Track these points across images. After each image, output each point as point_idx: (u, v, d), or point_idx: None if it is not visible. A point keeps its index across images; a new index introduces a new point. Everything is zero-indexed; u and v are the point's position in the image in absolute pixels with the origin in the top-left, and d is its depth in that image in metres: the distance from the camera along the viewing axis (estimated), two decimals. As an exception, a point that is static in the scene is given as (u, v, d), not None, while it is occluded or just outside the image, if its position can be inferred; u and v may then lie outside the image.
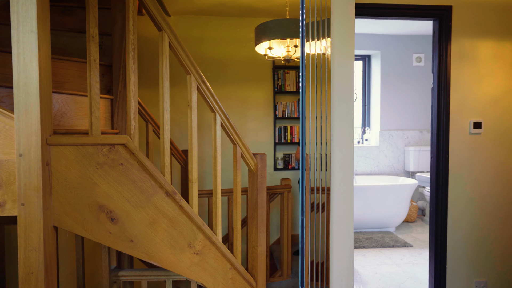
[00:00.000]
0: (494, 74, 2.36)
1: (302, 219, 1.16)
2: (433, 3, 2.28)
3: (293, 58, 2.69)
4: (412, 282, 2.81)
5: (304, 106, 1.18)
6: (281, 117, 4.05)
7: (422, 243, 3.82)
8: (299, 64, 3.91)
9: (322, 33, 1.22)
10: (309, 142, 1.16)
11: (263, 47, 2.72)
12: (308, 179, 1.37)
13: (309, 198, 1.16)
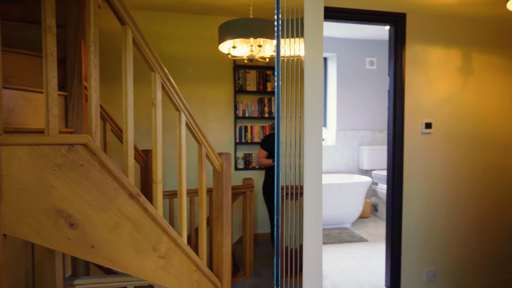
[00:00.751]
0: (442, 78, 2.54)
1: (277, 218, 1.17)
2: (390, 10, 2.40)
3: (256, 58, 2.70)
4: (369, 275, 2.95)
5: (280, 106, 1.19)
6: (242, 117, 4.05)
7: (376, 238, 4.02)
8: (263, 64, 3.92)
9: (296, 33, 1.24)
10: (284, 142, 1.17)
11: (227, 46, 2.70)
12: (283, 178, 1.38)
13: (284, 197, 1.17)
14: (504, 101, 2.67)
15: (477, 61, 2.60)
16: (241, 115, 4.05)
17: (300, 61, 1.24)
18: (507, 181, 2.70)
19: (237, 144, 4.07)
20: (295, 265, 1.17)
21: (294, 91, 1.23)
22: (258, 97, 4.09)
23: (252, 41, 2.64)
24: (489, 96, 2.64)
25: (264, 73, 4.05)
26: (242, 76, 4.01)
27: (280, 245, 1.15)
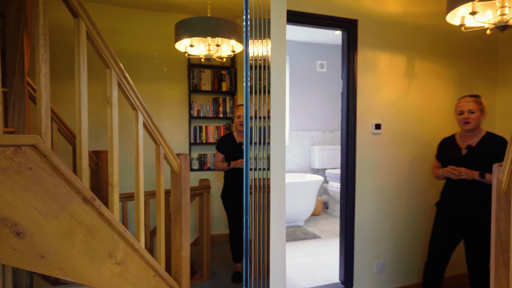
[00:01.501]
0: (390, 82, 2.71)
1: (246, 219, 1.16)
2: (343, 16, 2.51)
3: (214, 57, 2.67)
4: (324, 270, 3.05)
5: (249, 107, 1.18)
6: (197, 117, 3.98)
7: (328, 234, 4.18)
8: (218, 64, 3.89)
9: (264, 34, 1.24)
10: (253, 143, 1.17)
11: (184, 44, 2.64)
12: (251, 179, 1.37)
13: (253, 197, 1.17)
14: (442, 104, 2.92)
15: (419, 67, 2.82)
16: (196, 115, 3.98)
17: (267, 61, 1.24)
18: (445, 177, 2.96)
19: (191, 145, 3.99)
20: (262, 265, 1.18)
21: (263, 91, 1.24)
22: (213, 97, 4.05)
23: (210, 40, 2.60)
24: (430, 99, 2.87)
25: (219, 73, 4.02)
26: (197, 75, 3.95)
27: (249, 246, 1.15)
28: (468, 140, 2.28)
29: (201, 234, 3.06)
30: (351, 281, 2.61)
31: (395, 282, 2.79)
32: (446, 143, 2.41)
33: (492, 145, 2.18)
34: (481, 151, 2.19)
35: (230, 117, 4.09)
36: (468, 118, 2.20)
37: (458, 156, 2.26)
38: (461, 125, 2.26)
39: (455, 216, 2.27)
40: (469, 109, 2.20)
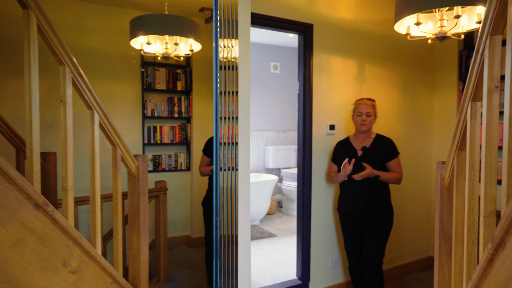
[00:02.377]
0: (342, 86, 2.85)
1: (216, 220, 1.16)
2: (300, 20, 2.59)
3: (172, 56, 2.61)
4: (281, 267, 3.12)
5: (218, 108, 1.18)
6: (151, 117, 3.85)
7: (283, 232, 4.28)
8: (173, 62, 3.80)
9: (232, 34, 1.25)
10: (222, 143, 1.17)
11: (140, 41, 2.55)
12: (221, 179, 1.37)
13: (222, 199, 1.16)
14: (389, 107, 3.13)
15: (369, 72, 2.99)
16: (150, 115, 3.85)
17: (235, 62, 1.25)
18: (391, 175, 3.17)
19: (145, 145, 3.86)
20: (231, 264, 1.19)
21: (231, 91, 1.24)
22: (168, 96, 3.95)
23: (167, 38, 2.54)
24: (379, 102, 3.06)
25: (174, 72, 3.93)
26: (151, 73, 3.82)
27: (219, 247, 1.15)
28: (362, 142, 2.42)
29: (157, 237, 2.98)
30: (308, 276, 2.70)
31: (347, 275, 2.93)
32: (342, 146, 2.50)
33: (383, 146, 2.38)
34: (374, 152, 2.35)
35: (185, 117, 4.02)
36: (365, 120, 2.35)
37: (355, 157, 2.35)
38: (357, 126, 2.40)
39: (357, 217, 2.37)
40: (367, 111, 2.35)
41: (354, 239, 2.41)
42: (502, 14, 1.08)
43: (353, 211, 2.37)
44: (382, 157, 2.35)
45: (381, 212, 2.35)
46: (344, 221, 2.46)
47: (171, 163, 3.97)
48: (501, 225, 0.94)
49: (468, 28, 2.14)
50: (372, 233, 2.34)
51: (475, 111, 1.28)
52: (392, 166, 2.38)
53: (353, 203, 2.36)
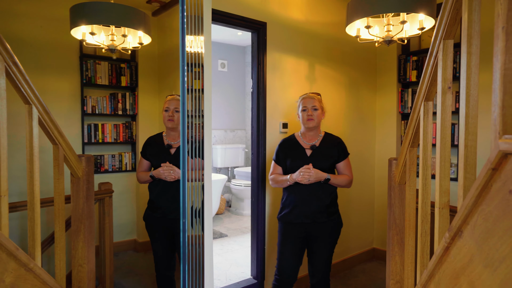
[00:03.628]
0: (294, 85, 2.90)
1: (183, 222, 1.08)
2: (254, 18, 2.58)
3: (119, 49, 2.44)
4: (235, 267, 3.09)
5: (185, 106, 1.11)
6: (91, 114, 3.57)
7: (234, 232, 4.25)
8: (117, 56, 3.55)
9: (197, 31, 1.18)
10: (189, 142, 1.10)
11: (82, 31, 2.34)
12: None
13: (190, 200, 1.09)
14: (337, 107, 3.25)
15: (319, 72, 3.08)
16: (91, 112, 3.57)
17: (201, 58, 1.19)
18: (339, 172, 3.31)
19: (85, 145, 3.56)
20: (198, 266, 1.13)
21: (196, 90, 1.18)
22: (111, 92, 3.70)
23: (114, 29, 2.36)
24: (329, 101, 3.17)
25: (118, 66, 3.69)
26: (92, 67, 3.54)
27: (187, 251, 1.08)
28: (310, 140, 2.16)
29: (102, 243, 2.77)
30: (263, 275, 2.70)
31: (300, 272, 2.99)
32: (287, 145, 2.18)
33: (334, 145, 2.16)
34: (325, 151, 2.13)
35: (130, 114, 3.80)
36: (312, 115, 2.08)
37: (304, 157, 2.11)
38: (304, 122, 2.11)
39: (304, 226, 2.09)
40: (312, 105, 2.09)
41: (295, 251, 2.11)
42: (455, 20, 1.16)
43: (301, 219, 2.07)
44: (333, 157, 2.13)
45: (331, 220, 2.11)
46: (286, 231, 2.12)
47: (114, 164, 3.72)
48: (459, 215, 1.01)
49: (411, 34, 2.29)
50: (322, 243, 2.11)
51: (427, 110, 1.36)
52: (343, 167, 2.17)
53: (301, 210, 2.07)
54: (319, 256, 2.12)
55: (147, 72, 3.75)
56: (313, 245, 2.13)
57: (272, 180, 2.18)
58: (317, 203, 2.07)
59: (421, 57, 3.31)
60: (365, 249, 3.60)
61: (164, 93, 3.71)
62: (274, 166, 2.20)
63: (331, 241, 2.13)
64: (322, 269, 2.14)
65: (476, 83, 1.02)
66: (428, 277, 1.26)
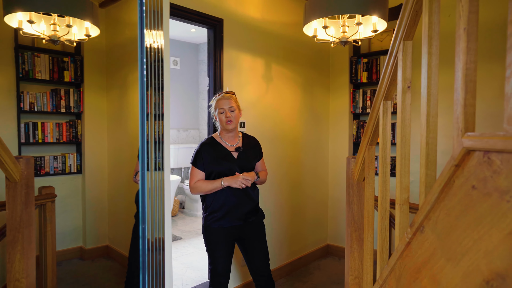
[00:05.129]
0: (251, 83, 2.87)
1: (143, 227, 0.99)
2: (211, 14, 2.51)
3: (62, 40, 2.23)
4: (191, 271, 2.98)
5: (145, 104, 1.01)
6: (29, 111, 3.24)
7: (189, 234, 4.12)
8: (58, 48, 3.27)
9: (157, 25, 1.09)
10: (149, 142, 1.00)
11: (18, 18, 2.10)
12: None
13: (149, 203, 1.00)
14: (292, 106, 3.28)
15: (275, 71, 3.09)
16: (28, 109, 3.24)
17: (160, 54, 1.10)
18: (297, 170, 3.34)
19: (22, 145, 3.23)
20: (159, 272, 1.05)
21: (155, 87, 1.09)
22: (52, 88, 3.39)
23: (56, 18, 2.16)
24: (285, 101, 3.19)
25: (61, 60, 3.39)
26: (29, 60, 3.22)
27: (146, 258, 0.99)
28: (232, 142, 2.12)
29: (43, 252, 2.52)
30: (221, 277, 2.64)
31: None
32: (209, 148, 2.07)
33: (253, 145, 2.19)
34: (248, 152, 2.14)
35: (75, 112, 3.52)
36: (230, 116, 2.03)
37: (231, 160, 2.06)
38: (223, 125, 2.05)
39: (236, 228, 2.07)
40: (229, 106, 2.04)
41: (229, 254, 2.08)
42: (414, 22, 1.20)
43: (234, 222, 2.04)
44: (256, 157, 2.16)
45: (258, 216, 2.15)
46: (219, 237, 2.04)
47: (57, 166, 3.43)
48: (422, 211, 1.04)
49: (365, 36, 2.37)
50: (256, 241, 2.12)
51: (386, 108, 1.40)
52: (260, 165, 2.21)
53: (234, 213, 2.04)
54: (259, 253, 2.14)
55: (94, 67, 3.50)
56: (248, 245, 2.12)
57: (196, 188, 2.02)
58: (250, 203, 2.09)
59: (371, 59, 3.45)
60: (319, 246, 3.68)
61: (113, 89, 3.48)
62: (196, 172, 2.04)
63: (263, 235, 2.17)
64: (266, 264, 2.17)
65: (436, 83, 1.05)
66: (389, 272, 1.29)
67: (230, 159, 2.07)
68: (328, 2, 2.10)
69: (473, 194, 0.84)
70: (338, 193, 3.71)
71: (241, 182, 1.97)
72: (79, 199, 3.49)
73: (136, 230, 2.04)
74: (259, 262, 2.15)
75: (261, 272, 2.16)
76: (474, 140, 0.81)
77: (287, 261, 3.25)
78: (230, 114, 2.03)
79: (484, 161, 0.80)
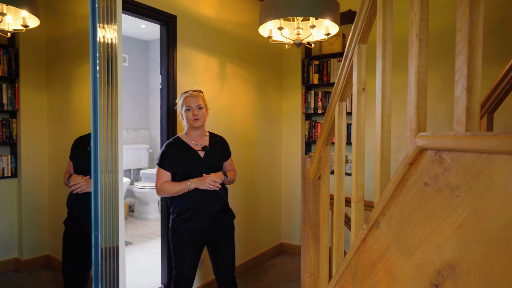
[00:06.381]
0: (206, 82, 2.82)
1: (96, 235, 0.91)
2: (164, 10, 2.42)
3: (7, 31, 2.01)
4: (143, 277, 2.86)
5: (97, 102, 0.94)
6: (-47, 108, 2.89)
7: (139, 238, 3.95)
8: None
9: (110, 18, 1.01)
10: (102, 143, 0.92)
11: None
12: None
13: (102, 207, 0.92)
14: (246, 106, 3.29)
15: (230, 71, 3.07)
16: (-48, 106, 2.89)
17: (114, 50, 1.02)
18: (251, 170, 3.35)
19: None
20: (113, 282, 0.98)
21: (109, 84, 1.01)
22: (-18, 83, 3.06)
23: None
24: (240, 101, 3.18)
25: (-8, 52, 3.07)
26: (-47, 51, 2.87)
27: (100, 268, 0.92)
28: (198, 141, 2.07)
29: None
30: (175, 281, 2.56)
31: (211, 274, 2.93)
32: (176, 148, 2.02)
33: (221, 145, 2.17)
34: (215, 152, 2.11)
35: (9, 110, 3.19)
36: (197, 114, 1.99)
37: (198, 159, 2.02)
38: (190, 123, 2.00)
39: (204, 229, 2.02)
40: (197, 104, 2.01)
41: (196, 258, 2.03)
42: (368, 26, 1.25)
43: (203, 223, 2.00)
44: (224, 157, 2.14)
45: (228, 216, 2.13)
46: (186, 239, 1.99)
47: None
48: (377, 208, 1.09)
49: (318, 38, 2.44)
50: (224, 242, 2.09)
51: (341, 109, 1.45)
52: (228, 164, 2.17)
53: (203, 214, 1.99)
54: (227, 255, 2.11)
55: (31, 61, 3.20)
56: (215, 246, 2.09)
57: (162, 190, 1.96)
58: (219, 203, 2.07)
59: (322, 62, 3.57)
60: (273, 245, 3.73)
61: (54, 85, 3.22)
62: (162, 173, 1.97)
63: (231, 236, 2.15)
64: (231, 267, 2.14)
65: (390, 85, 1.11)
66: (345, 268, 1.34)
67: (197, 159, 2.02)
68: (283, 4, 2.13)
69: (426, 190, 0.89)
70: (291, 192, 3.78)
71: (209, 183, 1.94)
72: (14, 206, 3.18)
73: (68, 238, 1.90)
74: (224, 263, 2.11)
75: (225, 274, 2.13)
76: (427, 140, 0.86)
77: (241, 261, 3.24)
78: (197, 112, 2.00)
79: (436, 159, 0.85)
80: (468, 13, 0.72)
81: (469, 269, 0.75)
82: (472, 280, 0.75)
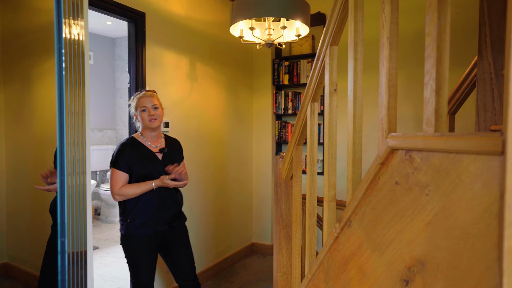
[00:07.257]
0: (176, 82, 2.77)
1: (62, 241, 0.85)
2: (132, 6, 2.35)
3: None
4: (111, 283, 2.75)
5: (64, 101, 0.88)
6: None
7: (106, 242, 3.81)
8: None
9: (77, 14, 0.95)
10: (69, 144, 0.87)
11: None
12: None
13: (69, 212, 0.87)
14: (217, 106, 3.26)
15: (200, 71, 3.03)
16: None
17: (81, 46, 0.97)
18: (222, 170, 3.32)
19: None
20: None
21: (75, 83, 0.96)
22: None
23: None
24: (210, 101, 3.15)
25: None
26: None
27: (66, 275, 0.86)
28: (155, 142, 2.02)
29: None
30: (145, 286, 2.49)
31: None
32: (132, 149, 1.93)
33: (176, 147, 2.14)
34: (172, 154, 2.08)
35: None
36: (154, 114, 1.94)
37: (156, 161, 1.97)
38: (147, 123, 1.94)
39: (160, 233, 1.98)
40: (152, 104, 1.96)
41: (153, 262, 1.97)
42: (340, 28, 1.27)
43: (159, 227, 1.94)
44: (179, 158, 2.12)
45: (181, 219, 2.10)
46: (142, 245, 1.91)
47: None
48: (350, 207, 1.11)
49: (288, 39, 2.46)
50: (181, 244, 2.06)
51: (313, 110, 1.47)
52: (182, 167, 2.14)
53: (159, 217, 1.94)
54: (185, 257, 2.08)
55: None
56: (173, 250, 2.04)
57: (122, 194, 1.86)
58: (175, 206, 2.04)
59: (292, 63, 3.61)
60: (244, 245, 3.72)
61: (10, 85, 3.03)
62: (119, 175, 1.87)
63: (187, 238, 2.12)
64: (193, 268, 2.12)
65: (361, 86, 1.13)
66: (318, 266, 1.35)
67: (155, 161, 1.97)
68: (254, 4, 2.12)
69: (397, 189, 0.92)
70: (262, 192, 3.79)
71: (176, 174, 1.91)
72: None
73: (53, 242, 1.80)
74: (186, 266, 2.09)
75: (188, 276, 2.10)
76: (398, 140, 0.89)
77: (213, 262, 3.21)
78: (154, 112, 1.94)
79: (406, 159, 0.88)
80: (437, 18, 0.75)
81: (437, 265, 0.78)
82: (440, 274, 0.78)
